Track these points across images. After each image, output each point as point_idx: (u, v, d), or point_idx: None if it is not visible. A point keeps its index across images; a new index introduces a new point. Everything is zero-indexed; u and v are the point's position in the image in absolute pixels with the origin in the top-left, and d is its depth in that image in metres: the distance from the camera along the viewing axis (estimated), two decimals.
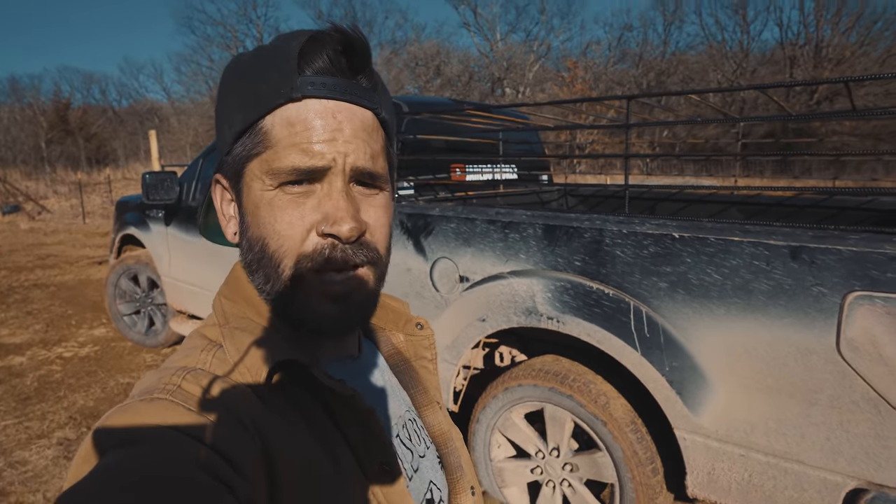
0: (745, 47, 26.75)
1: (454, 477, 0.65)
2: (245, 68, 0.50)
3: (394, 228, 2.36)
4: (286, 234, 0.48)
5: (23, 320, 5.07)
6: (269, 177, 0.48)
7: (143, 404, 0.41)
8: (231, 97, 0.50)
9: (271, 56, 0.48)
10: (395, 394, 0.63)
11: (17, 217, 13.16)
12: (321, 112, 0.47)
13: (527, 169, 3.44)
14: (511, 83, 31.81)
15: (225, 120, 0.50)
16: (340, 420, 0.50)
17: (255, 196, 0.49)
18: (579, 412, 1.90)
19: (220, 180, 0.53)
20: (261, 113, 0.47)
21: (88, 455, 0.38)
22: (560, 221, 1.89)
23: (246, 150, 0.49)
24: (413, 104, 2.66)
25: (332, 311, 0.51)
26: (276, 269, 0.49)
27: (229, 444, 0.40)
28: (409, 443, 0.60)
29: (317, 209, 0.49)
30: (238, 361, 0.48)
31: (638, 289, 1.72)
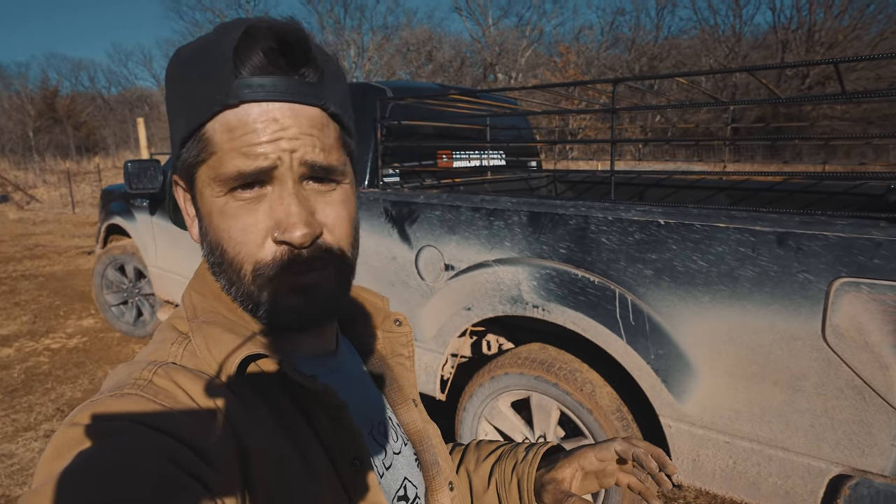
0: (737, 31, 26.66)
1: (431, 474, 0.64)
2: (185, 66, 0.47)
3: (378, 216, 2.33)
4: (242, 242, 0.47)
5: (10, 311, 5.02)
6: (217, 183, 0.47)
7: (112, 399, 0.41)
8: (174, 99, 0.48)
9: (209, 54, 0.46)
10: (371, 391, 0.63)
11: (6, 207, 13.01)
12: (260, 116, 0.46)
13: (515, 155, 3.40)
14: (503, 69, 31.59)
15: (172, 121, 0.49)
16: (312, 416, 0.50)
17: (208, 202, 0.48)
18: (565, 400, 1.89)
19: (178, 182, 0.52)
20: (201, 120, 0.46)
21: (58, 451, 0.38)
22: (545, 208, 1.86)
23: (192, 156, 0.48)
24: (398, 89, 2.62)
25: (299, 305, 0.50)
26: (238, 273, 0.49)
27: (201, 438, 0.40)
28: (382, 440, 0.59)
29: (269, 214, 0.47)
30: (208, 356, 0.48)
31: (623, 276, 1.70)
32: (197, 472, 0.38)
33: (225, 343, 0.48)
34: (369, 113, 2.52)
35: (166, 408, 0.41)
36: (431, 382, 2.28)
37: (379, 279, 2.35)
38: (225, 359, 0.47)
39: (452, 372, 2.32)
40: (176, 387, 0.43)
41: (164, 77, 0.51)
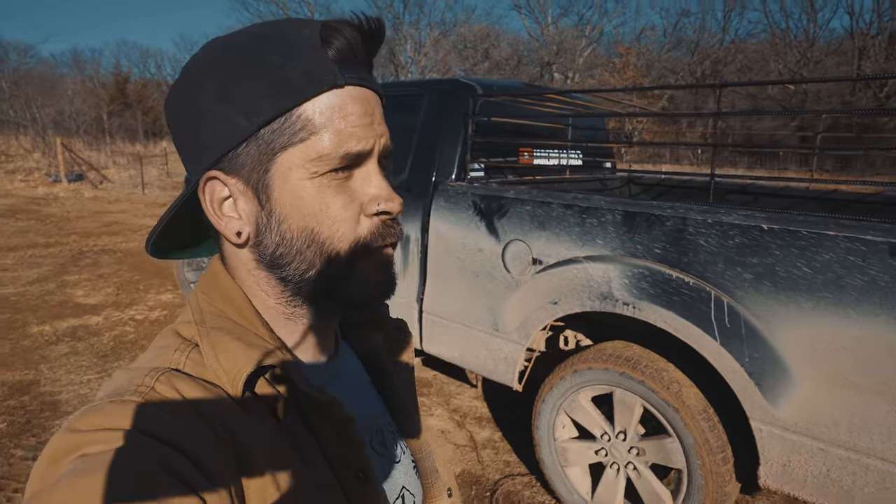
0: (810, 36, 25.54)
1: (429, 481, 0.64)
2: (251, 52, 0.46)
3: (466, 209, 2.40)
4: (342, 218, 0.48)
5: (95, 283, 5.36)
6: (314, 164, 0.46)
7: (112, 406, 0.41)
8: (242, 84, 0.46)
9: (288, 41, 0.46)
10: (371, 397, 0.62)
11: (81, 185, 13.78)
12: (359, 98, 0.48)
13: (592, 155, 3.42)
14: (560, 68, 31.25)
15: (236, 109, 0.46)
16: (316, 426, 0.50)
17: (295, 186, 0.47)
18: (650, 398, 1.92)
19: (218, 176, 0.48)
20: (298, 100, 0.45)
21: (54, 458, 0.38)
22: (641, 209, 1.89)
23: (280, 138, 0.46)
24: (485, 86, 2.68)
25: (383, 281, 0.52)
26: (329, 254, 0.48)
27: (199, 448, 0.40)
28: (382, 448, 0.59)
29: (359, 191, 0.49)
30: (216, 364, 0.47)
31: (720, 279, 1.72)
32: (193, 482, 0.38)
33: (233, 352, 0.47)
34: (457, 109, 2.60)
35: (167, 417, 0.41)
36: (510, 373, 2.34)
37: (464, 270, 2.42)
38: (232, 368, 0.46)
39: (530, 364, 2.38)
40: (177, 394, 0.43)
41: (202, 66, 0.48)
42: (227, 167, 0.48)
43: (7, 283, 5.29)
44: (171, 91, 0.50)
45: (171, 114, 0.50)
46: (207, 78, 0.47)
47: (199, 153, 0.48)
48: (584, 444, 2.18)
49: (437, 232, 2.53)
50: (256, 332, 0.50)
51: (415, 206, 2.63)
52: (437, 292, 2.57)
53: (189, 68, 0.49)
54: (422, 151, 2.67)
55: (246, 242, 0.50)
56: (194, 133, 0.48)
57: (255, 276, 0.51)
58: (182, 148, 0.51)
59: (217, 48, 0.48)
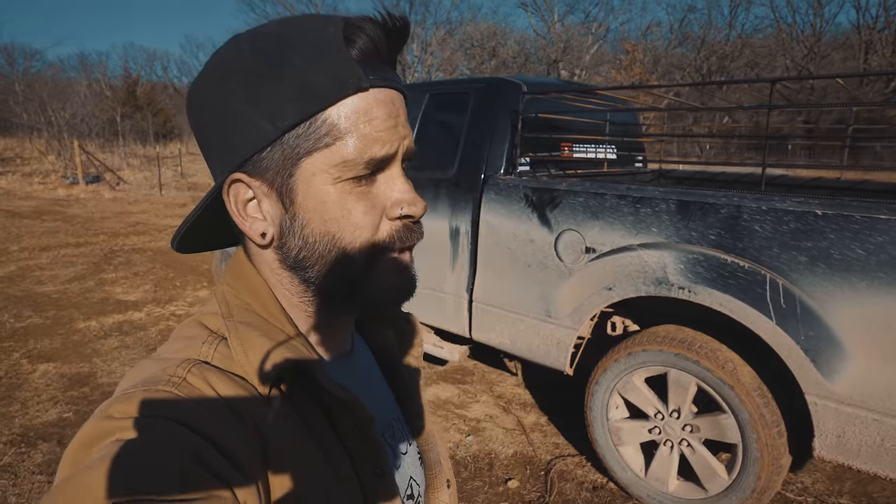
0: (817, 31, 25.51)
1: (433, 472, 0.66)
2: (275, 55, 0.45)
3: (518, 202, 2.52)
4: (363, 225, 0.48)
5: (132, 281, 5.50)
6: (339, 169, 0.46)
7: (146, 394, 0.41)
8: (265, 87, 0.45)
9: (311, 41, 0.45)
10: (383, 392, 0.64)
11: (100, 187, 13.96)
12: (384, 101, 0.47)
13: (627, 150, 3.53)
14: (567, 66, 31.30)
15: (260, 113, 0.45)
16: (337, 422, 0.51)
17: (318, 191, 0.47)
18: (706, 377, 2.03)
19: (243, 179, 0.48)
20: (323, 105, 0.45)
21: (87, 442, 0.38)
22: (695, 197, 2.00)
23: (304, 143, 0.46)
24: (530, 84, 2.79)
25: (402, 285, 0.52)
26: (349, 259, 0.49)
27: (229, 440, 0.41)
28: (392, 441, 0.61)
29: (382, 195, 0.49)
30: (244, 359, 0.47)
31: (775, 262, 1.83)
32: (222, 472, 0.38)
33: (261, 347, 0.48)
34: (506, 106, 2.72)
35: (199, 408, 0.41)
36: (562, 358, 2.46)
37: (515, 260, 2.54)
38: (260, 364, 0.47)
39: (581, 349, 2.49)
40: (209, 387, 0.44)
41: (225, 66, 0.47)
42: (252, 170, 0.47)
43: (46, 281, 5.44)
44: (195, 88, 0.49)
45: (196, 113, 0.50)
46: (232, 79, 0.46)
47: (225, 154, 0.48)
48: (637, 423, 2.29)
49: (487, 224, 2.64)
50: (282, 328, 0.51)
51: (464, 199, 2.75)
52: (488, 282, 2.69)
53: (213, 66, 0.48)
54: (470, 147, 2.79)
55: (270, 243, 0.50)
56: (219, 134, 0.48)
57: (278, 275, 0.52)
58: (206, 148, 0.50)
59: (242, 47, 0.47)
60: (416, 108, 3.14)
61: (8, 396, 3.15)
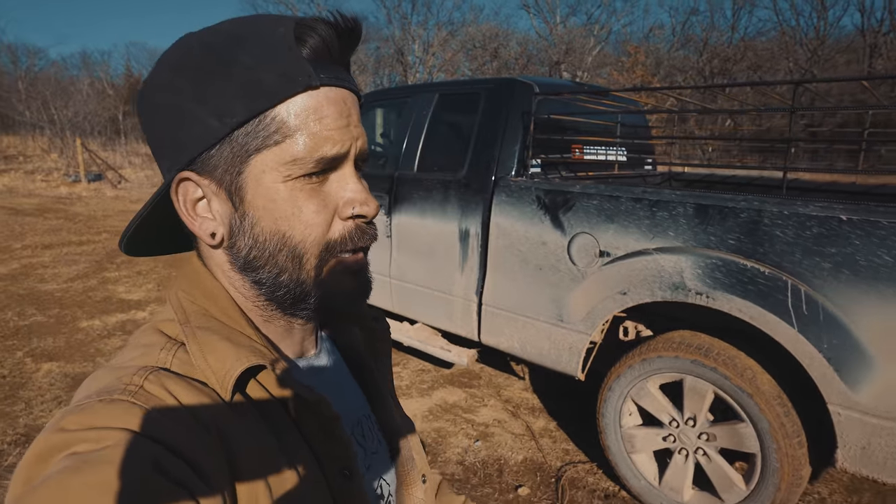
0: (821, 34, 25.46)
1: (405, 469, 0.66)
2: (224, 53, 0.45)
3: (530, 204, 2.48)
4: (314, 223, 0.48)
5: (134, 280, 5.47)
6: (288, 167, 0.46)
7: (101, 405, 0.39)
8: (214, 84, 0.44)
9: (263, 40, 0.45)
10: (351, 390, 0.63)
11: (102, 185, 13.93)
12: (335, 100, 0.47)
13: (637, 152, 3.49)
14: (569, 67, 31.28)
15: (208, 110, 0.45)
16: (303, 424, 0.50)
17: (268, 189, 0.46)
18: (723, 384, 1.99)
19: (191, 177, 0.47)
20: (272, 102, 0.44)
21: (41, 457, 0.37)
22: (714, 201, 1.96)
23: (253, 141, 0.45)
24: (543, 85, 2.75)
25: (356, 288, 0.52)
26: (300, 258, 0.48)
27: (191, 448, 0.40)
28: (362, 440, 0.60)
29: (334, 195, 0.49)
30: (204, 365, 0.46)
31: (798, 268, 1.78)
32: (184, 481, 0.37)
33: (222, 352, 0.46)
34: (518, 107, 2.68)
35: (158, 416, 0.40)
36: (574, 363, 2.42)
37: (526, 263, 2.50)
38: (220, 367, 0.46)
39: (593, 354, 2.45)
40: (168, 394, 0.42)
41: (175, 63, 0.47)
42: (201, 168, 0.47)
43: (49, 279, 5.40)
44: (145, 87, 0.49)
45: (145, 111, 0.49)
46: (181, 76, 0.46)
47: (173, 152, 0.47)
48: (651, 430, 2.25)
49: (498, 226, 2.60)
50: (243, 331, 0.50)
51: (474, 201, 2.71)
52: (498, 285, 2.65)
53: (162, 65, 0.47)
54: (480, 148, 2.75)
55: (220, 244, 0.49)
56: (168, 132, 0.47)
57: (230, 277, 0.51)
58: (156, 147, 0.50)
59: (192, 45, 0.47)
60: (425, 108, 3.10)
61: (12, 395, 3.11)
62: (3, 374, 3.36)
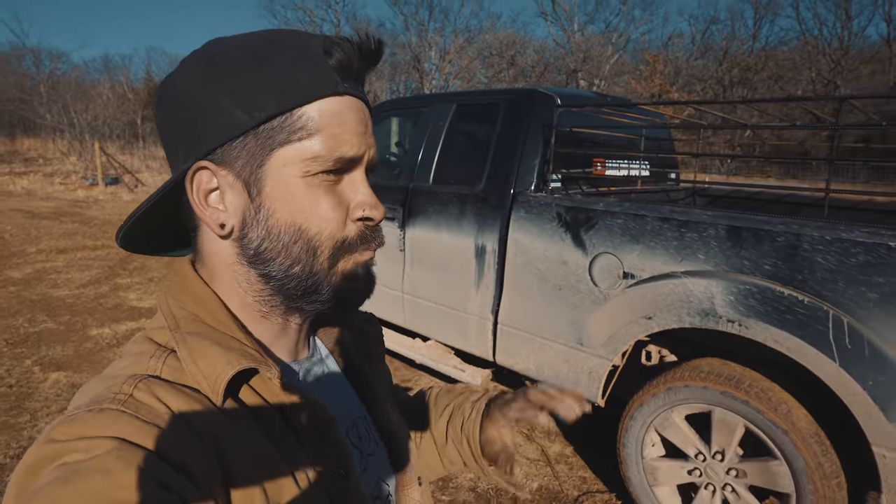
0: (845, 44, 25.08)
1: (402, 472, 0.66)
2: (261, 52, 0.47)
3: (550, 221, 2.37)
4: (330, 217, 0.49)
5: (146, 287, 5.43)
6: (309, 163, 0.48)
7: (91, 415, 0.40)
8: (244, 80, 0.47)
9: (295, 47, 0.48)
10: (345, 392, 0.63)
11: (118, 189, 14.04)
12: (356, 108, 0.50)
13: (661, 166, 3.38)
14: (586, 76, 31.15)
15: (235, 102, 0.46)
16: (298, 427, 0.50)
17: (287, 182, 0.48)
18: (755, 419, 1.86)
19: (209, 167, 0.48)
20: (303, 101, 0.47)
21: (32, 468, 0.37)
22: (748, 223, 1.85)
23: (279, 135, 0.47)
24: (565, 97, 2.66)
25: (361, 286, 0.53)
26: (315, 250, 0.49)
27: (182, 455, 0.40)
28: (357, 442, 0.60)
29: (345, 196, 0.51)
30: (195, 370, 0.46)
31: (840, 298, 1.66)
32: (175, 487, 0.37)
33: (212, 357, 0.46)
34: (539, 119, 2.58)
35: (147, 424, 0.40)
36: (594, 388, 2.30)
37: (545, 282, 2.39)
38: (211, 372, 0.46)
39: (614, 380, 2.33)
40: (157, 402, 0.42)
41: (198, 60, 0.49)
42: (219, 159, 0.48)
43: (62, 284, 5.39)
44: (170, 77, 0.50)
45: (167, 104, 0.49)
46: (213, 71, 0.47)
47: (192, 143, 0.48)
48: (675, 463, 2.13)
49: (516, 243, 2.50)
50: (233, 335, 0.50)
51: (491, 216, 2.61)
52: (515, 304, 2.55)
53: (191, 61, 0.49)
54: (499, 162, 2.66)
55: (229, 235, 0.50)
56: (189, 123, 0.48)
57: (234, 271, 0.51)
58: (173, 139, 0.50)
59: (225, 44, 0.49)
60: (442, 118, 3.02)
61: (18, 406, 3.06)
62: (10, 383, 3.32)
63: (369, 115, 0.53)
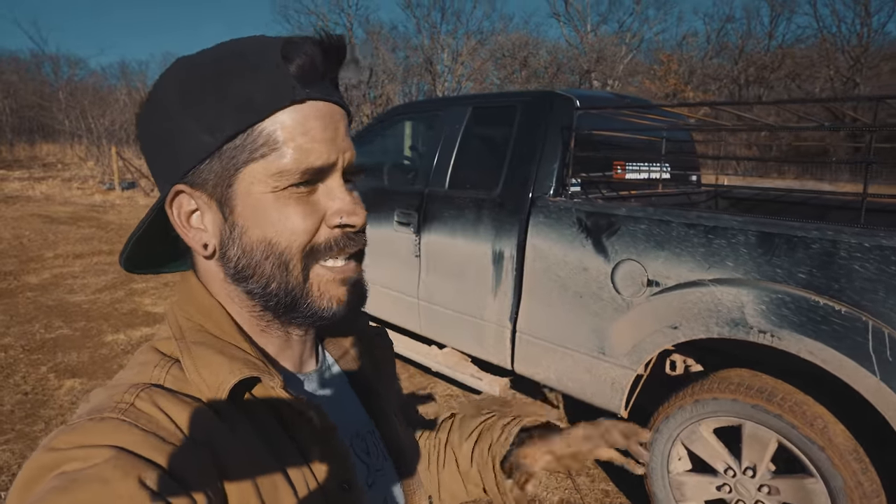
0: (864, 41, 24.63)
1: (411, 488, 0.65)
2: (213, 72, 0.47)
3: (570, 226, 2.31)
4: (300, 229, 0.48)
5: (161, 291, 5.44)
6: (276, 178, 0.47)
7: (91, 424, 0.40)
8: (207, 102, 0.46)
9: (250, 59, 0.47)
10: (354, 407, 0.63)
11: (135, 193, 14.17)
12: (321, 114, 0.48)
13: (682, 169, 3.29)
14: (599, 76, 30.93)
15: (201, 126, 0.47)
16: (300, 437, 0.50)
17: (257, 199, 0.48)
18: (789, 434, 1.78)
19: (185, 190, 0.49)
20: (260, 116, 0.46)
21: (32, 477, 0.37)
22: (780, 229, 1.77)
23: (242, 154, 0.47)
24: (584, 99, 2.59)
25: (346, 296, 0.52)
26: (286, 265, 0.49)
27: (184, 466, 0.40)
28: (365, 457, 0.60)
29: (320, 205, 0.50)
30: (198, 379, 0.47)
31: (881, 308, 1.58)
32: (172, 497, 0.37)
33: (215, 366, 0.47)
34: (556, 121, 2.51)
35: (147, 433, 0.40)
36: (617, 399, 2.23)
37: (565, 290, 2.32)
38: (214, 381, 0.46)
39: (637, 390, 2.26)
40: (158, 411, 0.43)
41: (168, 86, 0.49)
42: (193, 181, 0.48)
43: (78, 290, 5.41)
44: (142, 110, 0.51)
45: (142, 132, 0.51)
46: (173, 97, 0.48)
47: (169, 168, 0.49)
48: (703, 478, 2.05)
49: (534, 249, 2.44)
50: (238, 344, 0.50)
51: (509, 221, 2.55)
52: (533, 312, 2.48)
53: (156, 88, 0.50)
54: (516, 166, 2.59)
55: (213, 255, 0.51)
56: (164, 150, 0.49)
57: (227, 289, 0.52)
58: (154, 166, 0.51)
59: (184, 67, 0.49)
60: (457, 121, 2.96)
61: (33, 414, 3.06)
62: (25, 390, 3.32)
63: (345, 115, 0.52)
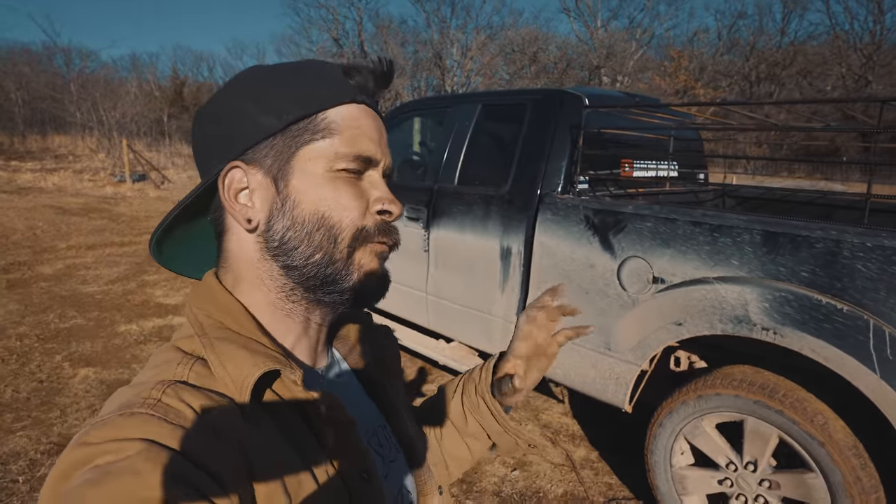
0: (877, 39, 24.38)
1: (422, 480, 0.68)
2: (289, 76, 0.55)
3: (577, 223, 2.34)
4: (351, 206, 0.53)
5: (172, 283, 5.52)
6: (332, 160, 0.53)
7: (122, 419, 0.41)
8: (275, 91, 0.53)
9: (318, 68, 0.55)
10: (366, 404, 0.65)
11: (145, 185, 14.29)
12: (371, 116, 0.56)
13: (689, 167, 3.31)
14: (609, 72, 30.80)
15: (261, 109, 0.53)
16: (320, 430, 0.51)
17: (312, 175, 0.53)
18: (790, 429, 1.81)
19: (240, 166, 0.53)
20: (324, 106, 0.53)
21: (65, 472, 0.38)
22: (785, 228, 1.79)
23: (304, 135, 0.53)
24: (593, 97, 2.61)
25: (379, 278, 0.57)
26: (335, 238, 0.53)
27: (212, 458, 0.41)
28: (380, 449, 0.62)
29: (365, 192, 0.55)
30: (223, 373, 0.48)
31: (882, 307, 1.60)
32: (202, 488, 0.38)
33: (240, 360, 0.48)
34: (565, 119, 2.54)
35: (175, 426, 0.41)
36: (621, 394, 2.27)
37: (573, 286, 2.36)
38: (237, 376, 0.48)
39: (641, 385, 2.30)
40: (185, 405, 0.44)
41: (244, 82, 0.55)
42: (250, 158, 0.53)
43: (91, 281, 5.50)
44: (215, 96, 0.56)
45: (206, 118, 0.56)
46: (245, 87, 0.55)
47: (225, 147, 0.53)
48: (705, 472, 2.09)
49: (542, 245, 2.47)
50: (258, 339, 0.53)
51: (517, 218, 2.59)
52: None
53: (230, 83, 0.56)
54: (525, 163, 2.63)
55: (255, 229, 0.54)
56: (227, 129, 0.54)
57: (257, 268, 0.55)
58: (207, 147, 0.55)
59: (259, 69, 0.56)
60: (467, 118, 2.99)
61: (48, 402, 3.13)
62: (41, 378, 3.39)
63: (384, 129, 0.59)
